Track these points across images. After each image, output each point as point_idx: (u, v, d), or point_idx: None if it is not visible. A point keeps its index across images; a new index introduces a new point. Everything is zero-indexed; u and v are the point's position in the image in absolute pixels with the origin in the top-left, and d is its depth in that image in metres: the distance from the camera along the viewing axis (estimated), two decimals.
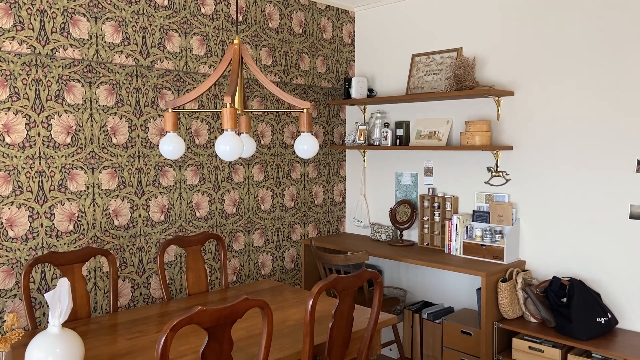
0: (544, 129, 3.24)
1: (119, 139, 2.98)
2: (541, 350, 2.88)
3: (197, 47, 3.30)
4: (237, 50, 2.12)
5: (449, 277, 3.70)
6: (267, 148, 3.73)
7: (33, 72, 2.65)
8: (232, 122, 1.95)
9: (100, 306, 2.92)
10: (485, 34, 3.49)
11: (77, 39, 2.78)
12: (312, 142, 2.12)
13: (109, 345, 2.11)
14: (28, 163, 2.65)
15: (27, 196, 2.65)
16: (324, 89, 4.10)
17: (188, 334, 2.24)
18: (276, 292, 2.88)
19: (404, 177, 3.98)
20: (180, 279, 3.26)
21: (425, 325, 3.51)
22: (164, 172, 3.18)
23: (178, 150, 2.13)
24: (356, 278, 2.12)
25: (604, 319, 2.83)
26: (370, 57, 4.20)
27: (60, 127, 2.75)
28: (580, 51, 3.08)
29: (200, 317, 1.61)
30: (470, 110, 3.57)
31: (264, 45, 3.66)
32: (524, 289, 3.07)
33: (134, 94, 3.03)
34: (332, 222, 4.25)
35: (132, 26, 3.00)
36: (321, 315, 2.47)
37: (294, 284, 3.95)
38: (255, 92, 3.62)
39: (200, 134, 3.34)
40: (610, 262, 2.99)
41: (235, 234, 3.57)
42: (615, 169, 2.97)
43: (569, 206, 3.15)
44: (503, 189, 3.44)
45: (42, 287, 2.70)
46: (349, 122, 4.31)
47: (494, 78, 3.44)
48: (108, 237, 2.94)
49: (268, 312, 1.80)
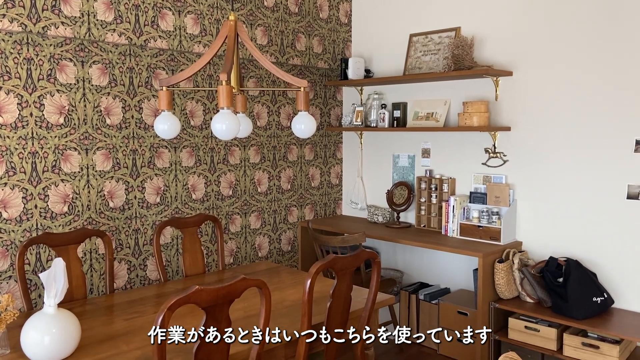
0: (542, 109, 3.22)
1: (112, 120, 2.93)
2: (537, 330, 2.90)
3: (191, 25, 3.24)
4: (233, 26, 2.08)
5: (446, 258, 3.71)
6: (264, 130, 3.69)
7: (24, 51, 2.59)
8: (228, 100, 1.91)
9: (96, 288, 2.90)
10: (483, 13, 3.45)
11: (68, 17, 2.73)
12: (309, 121, 2.10)
13: (106, 325, 2.10)
14: (21, 144, 2.61)
15: (20, 177, 2.61)
16: (321, 69, 4.06)
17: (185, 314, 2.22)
18: (273, 273, 2.87)
19: (401, 159, 3.96)
20: (177, 261, 3.25)
21: (422, 306, 3.52)
22: (159, 153, 3.14)
23: (173, 130, 2.10)
24: (354, 258, 2.11)
25: (600, 298, 2.84)
26: (367, 38, 4.15)
27: (52, 107, 2.71)
28: (578, 31, 3.04)
29: (198, 296, 1.60)
30: (468, 91, 3.53)
31: (259, 25, 3.60)
32: (520, 269, 3.07)
33: (127, 73, 2.98)
34: (329, 204, 4.24)
35: (125, 4, 2.94)
36: (319, 296, 2.46)
37: (291, 266, 3.95)
38: (251, 72, 3.57)
39: (195, 115, 3.30)
40: (607, 242, 3.00)
41: (232, 216, 3.55)
42: (613, 149, 2.95)
43: (566, 187, 3.14)
44: (500, 170, 3.42)
45: (38, 268, 2.68)
46: (346, 103, 4.27)
47: (492, 58, 3.41)
48: (103, 219, 2.92)
49: (266, 291, 1.79)
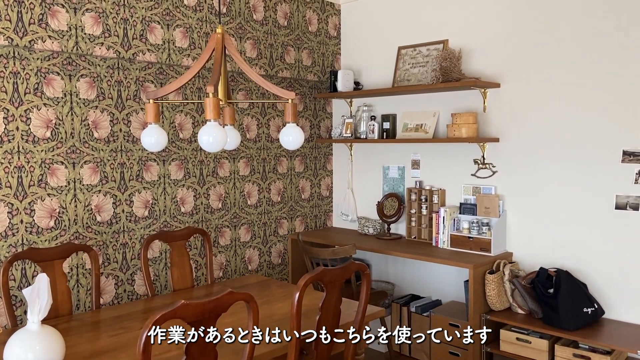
0: (530, 120, 3.24)
1: (100, 133, 2.91)
2: (529, 341, 2.89)
3: (180, 39, 3.24)
4: (220, 39, 2.08)
5: (437, 270, 3.69)
6: (253, 142, 3.69)
7: (11, 65, 2.58)
8: (215, 113, 1.91)
9: (83, 304, 2.86)
10: (471, 26, 3.48)
11: (56, 31, 2.72)
12: (297, 133, 2.09)
13: (91, 342, 2.07)
14: (6, 158, 2.58)
15: (6, 192, 2.58)
16: (310, 82, 4.07)
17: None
18: (263, 287, 2.84)
19: (391, 171, 3.97)
20: (165, 275, 3.21)
21: (413, 318, 3.50)
22: (148, 166, 3.12)
23: (160, 142, 2.08)
24: (343, 270, 2.09)
25: (591, 309, 2.84)
26: (356, 50, 4.17)
27: (39, 121, 2.68)
28: (565, 43, 3.08)
29: (184, 311, 1.57)
30: (456, 103, 3.55)
31: (248, 38, 3.61)
32: (511, 280, 3.07)
33: (115, 87, 2.96)
34: (320, 216, 4.23)
35: (113, 17, 2.93)
36: (308, 309, 2.44)
37: (281, 279, 3.92)
38: (241, 85, 3.57)
39: (184, 128, 3.29)
40: (596, 253, 3.01)
41: (221, 229, 3.52)
42: (600, 159, 2.97)
43: (555, 197, 3.15)
44: (490, 181, 3.43)
45: (23, 284, 2.64)
46: (336, 115, 4.28)
47: (480, 70, 3.44)
48: (90, 233, 2.89)
49: (253, 305, 1.77)
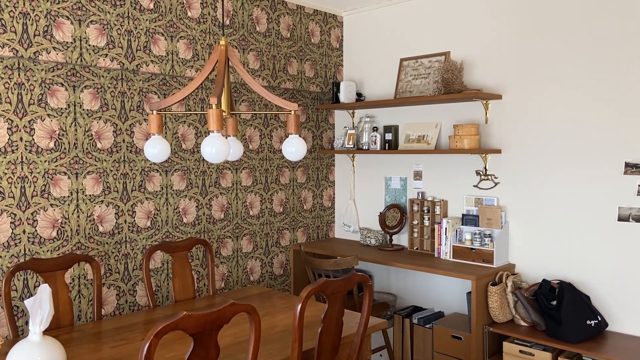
0: (532, 132, 3.25)
1: (103, 144, 2.93)
2: (532, 354, 2.87)
3: (183, 50, 3.26)
4: (223, 51, 2.09)
5: (439, 282, 3.68)
6: (256, 153, 3.70)
7: (15, 76, 2.60)
8: (218, 124, 1.91)
9: (84, 314, 2.85)
10: (472, 38, 3.50)
11: (60, 42, 2.74)
12: (299, 144, 2.10)
13: (92, 353, 2.06)
14: (10, 168, 2.59)
15: (9, 202, 2.59)
16: (313, 93, 4.09)
17: (174, 340, 2.19)
18: (265, 298, 2.84)
19: (393, 182, 3.97)
20: (167, 286, 3.21)
21: (416, 330, 3.48)
22: (150, 177, 3.13)
23: (163, 153, 2.09)
24: (345, 282, 2.09)
25: (594, 321, 2.82)
26: (359, 62, 4.19)
27: (43, 131, 2.70)
28: (567, 55, 3.09)
29: (186, 322, 1.57)
30: (458, 114, 3.56)
31: (251, 49, 3.64)
32: (513, 292, 3.05)
33: (119, 98, 2.98)
34: (322, 227, 4.22)
35: (117, 29, 2.96)
36: (310, 321, 2.44)
37: (283, 290, 3.90)
38: (244, 96, 3.59)
39: (187, 139, 3.30)
40: (600, 265, 2.99)
41: (223, 239, 3.52)
42: (602, 171, 2.97)
43: (558, 209, 3.15)
44: (492, 192, 3.43)
45: (25, 294, 2.64)
46: (338, 126, 4.29)
47: (481, 81, 3.45)
48: (92, 244, 2.89)
49: (255, 317, 1.77)
